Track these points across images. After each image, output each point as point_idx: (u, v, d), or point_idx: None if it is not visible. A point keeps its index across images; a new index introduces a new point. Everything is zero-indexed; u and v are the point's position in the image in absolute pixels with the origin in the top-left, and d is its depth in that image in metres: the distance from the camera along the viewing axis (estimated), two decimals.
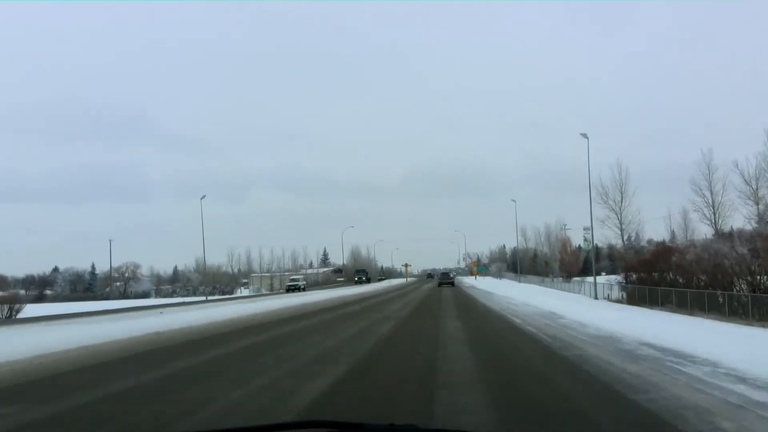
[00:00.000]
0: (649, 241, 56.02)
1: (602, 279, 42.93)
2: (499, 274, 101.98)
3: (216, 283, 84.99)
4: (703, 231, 43.31)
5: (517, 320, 19.59)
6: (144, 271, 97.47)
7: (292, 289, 55.14)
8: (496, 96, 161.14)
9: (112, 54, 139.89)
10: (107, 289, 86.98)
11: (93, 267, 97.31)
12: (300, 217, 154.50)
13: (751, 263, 24.40)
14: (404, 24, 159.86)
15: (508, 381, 8.66)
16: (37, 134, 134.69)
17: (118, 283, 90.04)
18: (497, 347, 13.09)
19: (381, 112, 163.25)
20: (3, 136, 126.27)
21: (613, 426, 5.94)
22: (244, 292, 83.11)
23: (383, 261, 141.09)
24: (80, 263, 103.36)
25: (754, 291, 23.26)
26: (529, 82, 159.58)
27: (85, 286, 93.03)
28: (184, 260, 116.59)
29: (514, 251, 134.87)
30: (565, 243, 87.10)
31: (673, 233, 54.10)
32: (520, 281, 73.98)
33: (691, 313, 23.51)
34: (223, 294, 73.14)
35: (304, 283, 60.90)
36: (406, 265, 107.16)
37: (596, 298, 37.56)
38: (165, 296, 76.75)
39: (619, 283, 37.60)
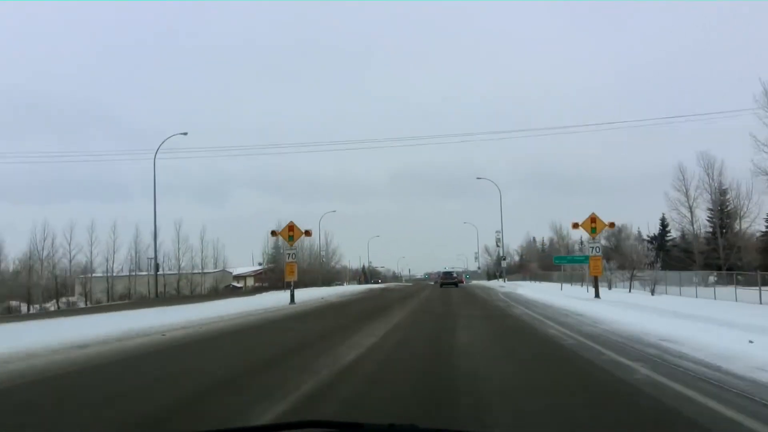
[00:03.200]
0: None
1: None
2: (572, 278, 45.53)
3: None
4: None
5: None
6: None
7: None
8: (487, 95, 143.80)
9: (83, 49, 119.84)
10: None
11: None
12: (278, 219, 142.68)
13: None
14: (395, 23, 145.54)
15: None
16: None
17: None
18: None
19: (371, 112, 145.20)
20: None
21: None
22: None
23: (365, 260, 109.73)
24: None
25: None
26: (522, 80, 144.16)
27: None
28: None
29: (541, 244, 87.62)
30: None
31: None
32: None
33: None
34: None
35: None
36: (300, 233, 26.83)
37: None
38: None
39: None
